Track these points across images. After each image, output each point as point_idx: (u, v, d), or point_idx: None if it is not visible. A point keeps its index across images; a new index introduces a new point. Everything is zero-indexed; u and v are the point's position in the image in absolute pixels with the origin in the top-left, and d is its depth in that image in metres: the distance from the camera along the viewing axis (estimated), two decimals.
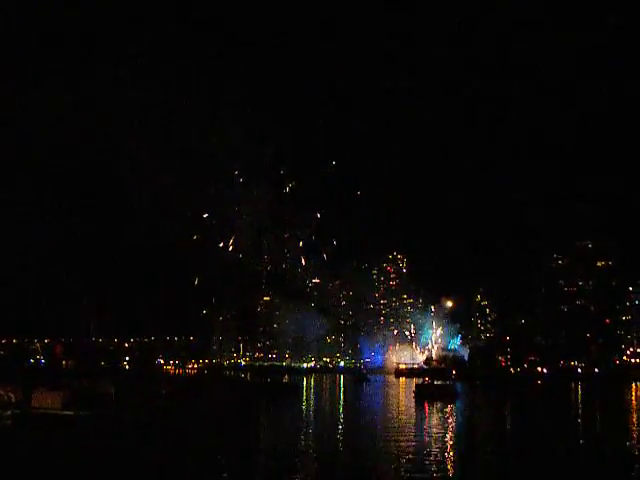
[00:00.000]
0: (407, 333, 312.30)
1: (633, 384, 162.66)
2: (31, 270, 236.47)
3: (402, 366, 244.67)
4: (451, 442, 45.48)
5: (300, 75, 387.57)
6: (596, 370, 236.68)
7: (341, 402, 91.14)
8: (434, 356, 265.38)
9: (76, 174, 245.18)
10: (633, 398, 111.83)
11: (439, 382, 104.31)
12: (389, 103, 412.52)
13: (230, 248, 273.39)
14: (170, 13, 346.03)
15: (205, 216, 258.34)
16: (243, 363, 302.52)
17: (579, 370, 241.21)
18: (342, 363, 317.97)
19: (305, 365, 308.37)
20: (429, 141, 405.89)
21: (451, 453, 39.94)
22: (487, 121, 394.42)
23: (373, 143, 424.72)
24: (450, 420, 63.30)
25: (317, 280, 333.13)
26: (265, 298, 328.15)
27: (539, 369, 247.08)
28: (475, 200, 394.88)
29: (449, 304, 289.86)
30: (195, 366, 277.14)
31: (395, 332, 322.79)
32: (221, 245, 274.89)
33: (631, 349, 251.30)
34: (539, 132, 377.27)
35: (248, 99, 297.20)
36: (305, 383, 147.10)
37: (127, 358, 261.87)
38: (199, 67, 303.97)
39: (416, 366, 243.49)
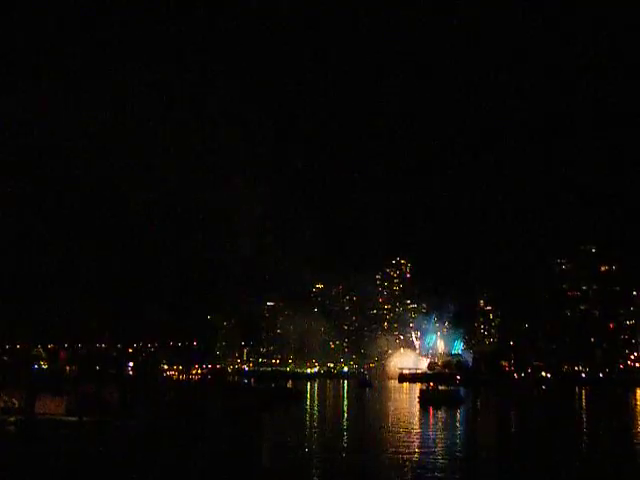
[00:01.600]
0: (411, 338, 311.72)
1: (638, 389, 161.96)
2: (34, 276, 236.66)
3: (406, 371, 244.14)
4: (457, 449, 45.35)
5: (300, 76, 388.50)
6: (600, 375, 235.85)
7: (345, 408, 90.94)
8: (438, 361, 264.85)
9: (78, 179, 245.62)
10: (638, 403, 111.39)
11: (443, 387, 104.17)
12: (389, 104, 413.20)
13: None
14: (170, 14, 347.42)
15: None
16: (247, 368, 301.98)
17: (583, 375, 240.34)
18: (346, 368, 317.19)
19: (309, 370, 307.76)
20: (430, 144, 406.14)
21: (457, 460, 39.77)
22: (487, 123, 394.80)
23: (374, 146, 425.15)
24: (455, 426, 63.16)
25: (321, 285, 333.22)
26: (269, 303, 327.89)
27: (543, 374, 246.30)
28: (478, 205, 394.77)
29: (452, 309, 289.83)
30: (199, 371, 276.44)
31: (399, 337, 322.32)
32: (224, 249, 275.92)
33: (635, 354, 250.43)
34: (539, 132, 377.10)
35: (247, 99, 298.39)
36: (309, 388, 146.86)
37: (131, 364, 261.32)
38: (197, 68, 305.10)
39: (420, 371, 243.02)
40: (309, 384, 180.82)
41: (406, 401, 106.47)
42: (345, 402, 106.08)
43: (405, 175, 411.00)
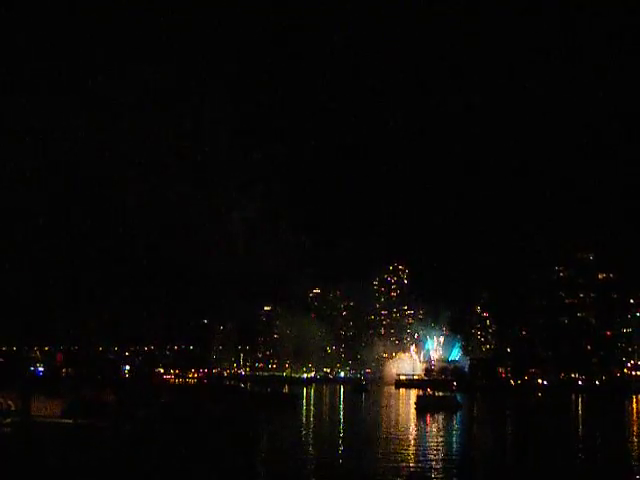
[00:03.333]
0: (407, 344, 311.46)
1: (634, 397, 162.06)
2: (31, 278, 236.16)
3: (402, 377, 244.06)
4: (453, 456, 45.34)
5: (300, 77, 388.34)
6: (597, 382, 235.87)
7: (341, 413, 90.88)
8: (434, 367, 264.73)
9: (77, 179, 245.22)
10: (634, 411, 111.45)
11: (440, 393, 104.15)
12: (388, 109, 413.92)
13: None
14: (170, 14, 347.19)
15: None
16: (243, 373, 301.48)
17: (580, 382, 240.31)
18: (342, 373, 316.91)
19: (305, 375, 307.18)
20: (428, 148, 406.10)
21: (453, 468, 39.74)
22: (486, 128, 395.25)
23: (373, 150, 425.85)
24: (452, 432, 63.12)
25: (318, 290, 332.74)
26: (266, 308, 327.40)
27: (540, 381, 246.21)
28: (476, 211, 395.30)
29: (449, 315, 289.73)
30: (195, 376, 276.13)
31: (395, 343, 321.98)
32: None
33: (632, 362, 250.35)
34: (539, 140, 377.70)
35: (246, 99, 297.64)
36: (305, 393, 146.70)
37: (127, 367, 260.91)
38: (197, 68, 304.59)
39: (416, 377, 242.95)
40: (305, 389, 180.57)
41: (403, 407, 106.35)
42: (341, 407, 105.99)
43: (403, 180, 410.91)
